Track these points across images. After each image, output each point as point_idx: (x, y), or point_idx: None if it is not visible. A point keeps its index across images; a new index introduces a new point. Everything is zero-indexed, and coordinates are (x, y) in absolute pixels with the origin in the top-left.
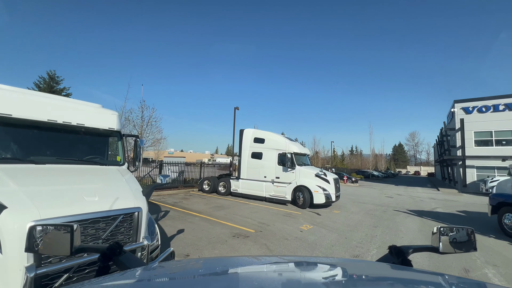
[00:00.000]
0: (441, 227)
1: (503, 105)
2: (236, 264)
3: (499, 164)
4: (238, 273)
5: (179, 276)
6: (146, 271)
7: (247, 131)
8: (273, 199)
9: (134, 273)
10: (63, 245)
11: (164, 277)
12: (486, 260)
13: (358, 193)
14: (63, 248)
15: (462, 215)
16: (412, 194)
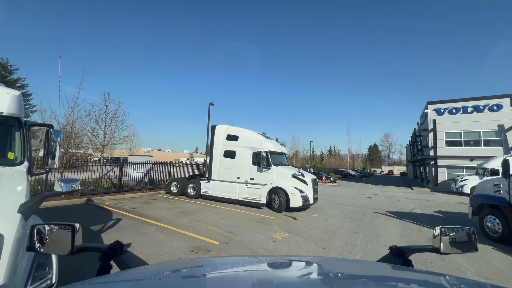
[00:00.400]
0: (442, 228)
1: (472, 107)
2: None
3: (467, 164)
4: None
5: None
6: (147, 271)
7: (220, 127)
8: (246, 202)
9: (135, 272)
10: (64, 244)
11: (165, 276)
12: (477, 272)
13: (337, 194)
14: (65, 248)
15: (440, 216)
16: (388, 194)
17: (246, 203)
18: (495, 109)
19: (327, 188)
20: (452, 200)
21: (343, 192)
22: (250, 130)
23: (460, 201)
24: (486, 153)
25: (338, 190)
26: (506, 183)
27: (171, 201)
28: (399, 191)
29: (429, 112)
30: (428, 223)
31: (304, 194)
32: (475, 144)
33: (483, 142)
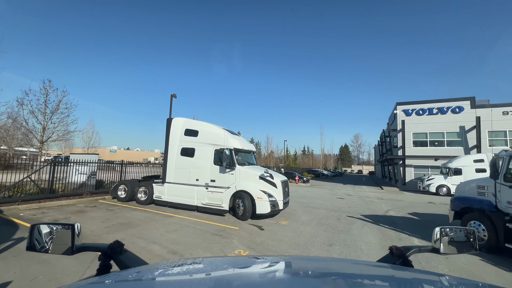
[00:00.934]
0: (442, 228)
1: (436, 109)
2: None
3: (432, 164)
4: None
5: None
6: (147, 270)
7: (177, 120)
8: (206, 209)
9: (135, 272)
10: (64, 244)
11: (165, 276)
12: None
13: (310, 195)
14: (65, 247)
15: (415, 219)
16: (360, 194)
17: (206, 209)
18: (457, 111)
19: (300, 189)
20: (421, 200)
21: (316, 193)
22: (212, 124)
23: (428, 201)
24: (449, 153)
25: (311, 190)
26: (492, 184)
27: (114, 209)
28: (370, 190)
29: (398, 112)
30: (406, 229)
31: (272, 198)
32: (439, 144)
33: (446, 143)
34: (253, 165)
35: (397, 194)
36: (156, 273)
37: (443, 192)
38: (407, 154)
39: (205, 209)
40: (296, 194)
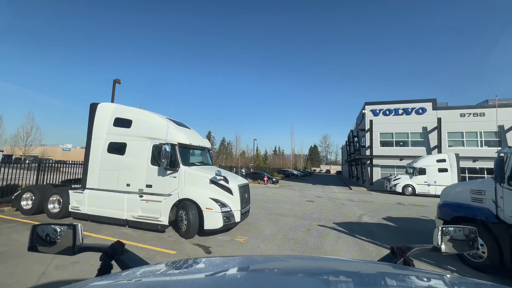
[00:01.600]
0: (443, 227)
1: (402, 109)
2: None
3: (398, 163)
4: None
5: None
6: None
7: (104, 107)
8: (140, 224)
9: (136, 272)
10: (66, 244)
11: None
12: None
13: (278, 198)
14: (66, 248)
15: (392, 226)
16: (330, 195)
17: (139, 224)
18: (420, 112)
19: (269, 190)
20: (390, 201)
21: (285, 196)
22: (153, 112)
23: (397, 201)
24: (413, 153)
25: (279, 192)
26: (491, 189)
27: (1, 228)
28: (339, 191)
29: (366, 112)
30: (385, 240)
31: (226, 208)
32: (404, 144)
33: (410, 143)
34: (208, 165)
35: (366, 194)
36: (157, 273)
37: (409, 191)
38: (375, 154)
39: (138, 224)
40: (263, 197)
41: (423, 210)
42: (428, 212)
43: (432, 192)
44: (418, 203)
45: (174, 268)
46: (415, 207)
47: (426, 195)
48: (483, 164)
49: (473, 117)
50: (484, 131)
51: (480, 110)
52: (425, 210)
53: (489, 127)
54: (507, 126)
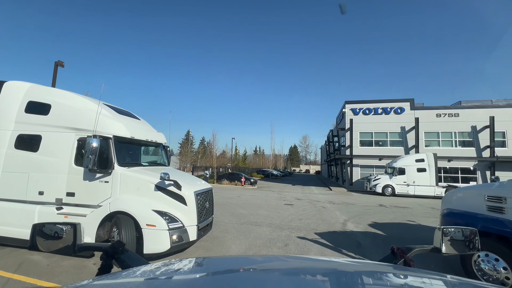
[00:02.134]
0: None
1: (381, 109)
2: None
3: (377, 163)
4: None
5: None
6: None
7: (12, 86)
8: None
9: (136, 271)
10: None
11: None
12: None
13: (254, 201)
14: (67, 247)
15: (381, 235)
16: (310, 197)
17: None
18: (399, 112)
19: (245, 192)
20: (371, 202)
21: (262, 199)
22: (81, 96)
23: (378, 203)
24: (391, 153)
25: (256, 195)
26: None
27: None
28: (320, 192)
29: (346, 111)
30: (377, 257)
31: (176, 224)
32: (383, 144)
33: (389, 143)
34: (161, 166)
35: (346, 195)
36: (158, 272)
37: (389, 192)
38: (355, 154)
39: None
40: (238, 201)
41: (407, 213)
42: (412, 215)
43: (411, 192)
44: (399, 205)
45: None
46: (398, 210)
47: (405, 195)
48: (457, 164)
49: (448, 117)
50: (458, 131)
51: (454, 111)
52: (408, 212)
53: (463, 127)
54: (479, 126)
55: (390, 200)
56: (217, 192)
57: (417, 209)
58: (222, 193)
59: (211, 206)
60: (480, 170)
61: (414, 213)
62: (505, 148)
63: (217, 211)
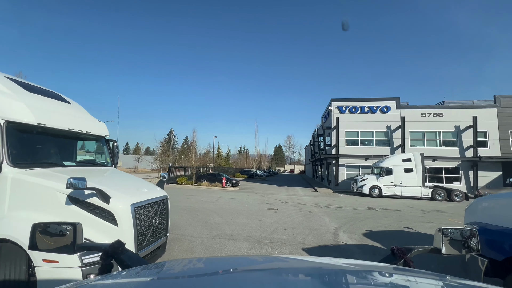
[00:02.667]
0: (444, 228)
1: (367, 107)
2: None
3: (363, 163)
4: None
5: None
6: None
7: None
8: None
9: (136, 271)
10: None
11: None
12: None
13: (233, 206)
14: (66, 246)
15: (380, 248)
16: (296, 200)
17: None
18: (385, 111)
19: (225, 195)
20: (360, 205)
21: (243, 202)
22: None
23: (368, 205)
24: (377, 153)
25: (237, 198)
26: None
27: None
28: (305, 193)
29: (332, 109)
30: None
31: (97, 257)
32: (369, 143)
33: (375, 142)
34: (100, 166)
35: (333, 197)
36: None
37: (375, 193)
38: (341, 153)
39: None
40: (215, 206)
41: (400, 217)
42: (405, 219)
43: (398, 193)
44: (389, 207)
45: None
46: (389, 213)
47: (392, 196)
48: (441, 164)
49: (433, 117)
50: (442, 131)
51: (439, 110)
52: (401, 216)
53: (447, 127)
54: (462, 126)
55: (378, 201)
56: (194, 195)
57: (408, 212)
58: (199, 197)
59: (165, 221)
60: (463, 170)
61: (407, 217)
62: (487, 148)
63: (187, 220)
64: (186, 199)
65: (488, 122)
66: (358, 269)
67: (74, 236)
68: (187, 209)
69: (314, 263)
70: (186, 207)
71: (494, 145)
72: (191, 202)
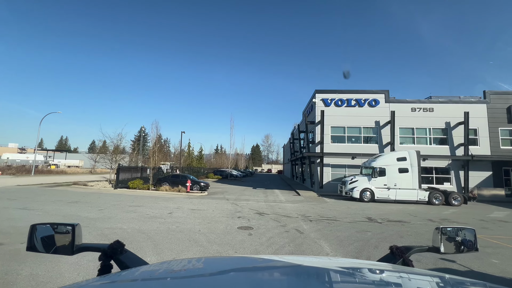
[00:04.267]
0: (442, 227)
1: (354, 100)
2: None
3: (349, 162)
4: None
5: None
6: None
7: None
8: None
9: (135, 272)
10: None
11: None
12: None
13: (188, 226)
14: (65, 247)
15: None
16: (276, 209)
17: None
18: (373, 105)
19: (185, 205)
20: (355, 213)
21: (207, 216)
22: None
23: (365, 215)
24: (365, 151)
25: (201, 209)
26: None
27: None
28: (287, 198)
29: (317, 102)
30: None
31: None
32: (356, 140)
33: (363, 139)
34: None
35: (320, 203)
36: (157, 273)
37: (367, 197)
38: (326, 151)
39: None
40: (160, 226)
41: (415, 235)
42: (426, 238)
43: (392, 197)
44: (390, 217)
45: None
46: (398, 228)
47: (386, 200)
48: (432, 163)
49: (423, 112)
50: (433, 128)
51: (429, 105)
52: (415, 233)
53: (437, 123)
54: (453, 122)
55: (373, 208)
56: (142, 205)
57: (417, 224)
58: (148, 208)
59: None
60: (454, 170)
61: (421, 232)
62: (477, 146)
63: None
64: (124, 214)
65: (478, 118)
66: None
67: (72, 237)
68: (107, 235)
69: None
70: (110, 231)
71: (484, 143)
72: (128, 220)
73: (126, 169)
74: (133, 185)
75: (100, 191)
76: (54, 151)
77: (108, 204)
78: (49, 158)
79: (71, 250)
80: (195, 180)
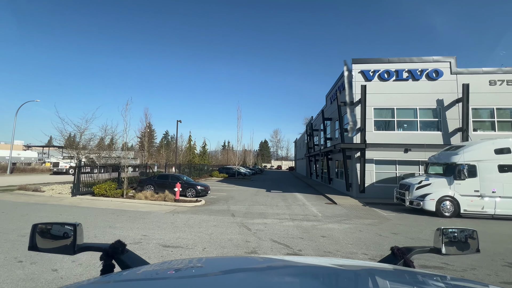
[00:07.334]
0: (444, 228)
1: (407, 72)
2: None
3: (401, 157)
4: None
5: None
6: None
7: None
8: None
9: (137, 272)
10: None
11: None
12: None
13: None
14: (67, 247)
15: None
16: (318, 239)
17: None
18: (434, 77)
19: (157, 233)
20: (486, 252)
21: (194, 253)
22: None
23: (487, 255)
24: (423, 140)
25: (180, 244)
26: None
27: None
28: (321, 211)
29: (355, 75)
30: None
31: None
32: (410, 126)
33: (419, 125)
34: None
35: (380, 220)
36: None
37: (448, 210)
38: (369, 142)
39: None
40: None
41: None
42: None
43: (488, 210)
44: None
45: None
46: None
47: (479, 215)
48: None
49: (506, 85)
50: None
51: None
52: None
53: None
54: None
55: (474, 229)
56: (86, 232)
57: None
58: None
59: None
60: None
61: None
62: None
63: None
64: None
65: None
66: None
67: (74, 236)
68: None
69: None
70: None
71: None
72: None
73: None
74: (100, 191)
75: (46, 200)
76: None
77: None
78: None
79: (72, 250)
80: (190, 183)
